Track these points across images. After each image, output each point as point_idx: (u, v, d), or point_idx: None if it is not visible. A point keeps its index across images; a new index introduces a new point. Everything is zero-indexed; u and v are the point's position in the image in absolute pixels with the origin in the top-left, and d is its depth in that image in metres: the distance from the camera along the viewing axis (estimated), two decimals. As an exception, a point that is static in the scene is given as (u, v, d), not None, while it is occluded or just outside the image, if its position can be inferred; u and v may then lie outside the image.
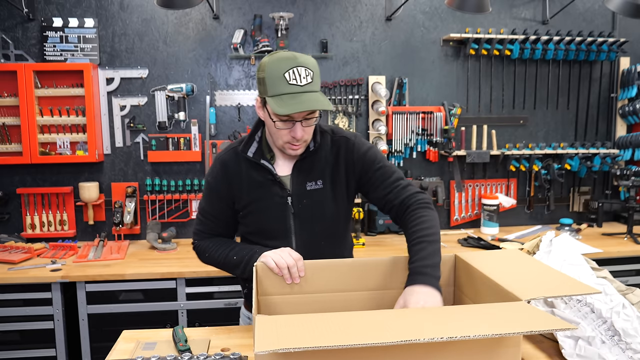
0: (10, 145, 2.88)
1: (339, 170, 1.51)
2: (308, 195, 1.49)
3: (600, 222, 3.31)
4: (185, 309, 2.55)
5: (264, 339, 0.82)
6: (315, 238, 1.52)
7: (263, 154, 1.51)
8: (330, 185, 1.51)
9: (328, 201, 1.51)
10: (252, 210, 1.51)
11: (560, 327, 0.86)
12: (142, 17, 3.00)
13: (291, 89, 1.32)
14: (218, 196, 1.53)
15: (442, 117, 3.17)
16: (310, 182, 1.49)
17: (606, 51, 3.24)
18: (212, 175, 1.54)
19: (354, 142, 1.52)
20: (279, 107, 1.31)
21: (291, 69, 1.33)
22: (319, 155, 1.51)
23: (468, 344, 0.93)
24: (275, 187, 1.49)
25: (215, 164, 1.54)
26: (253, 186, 1.49)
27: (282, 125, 1.38)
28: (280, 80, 1.32)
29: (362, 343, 0.80)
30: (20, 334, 2.48)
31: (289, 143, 1.42)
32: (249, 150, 1.50)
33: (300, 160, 1.49)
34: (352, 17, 3.14)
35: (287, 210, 1.49)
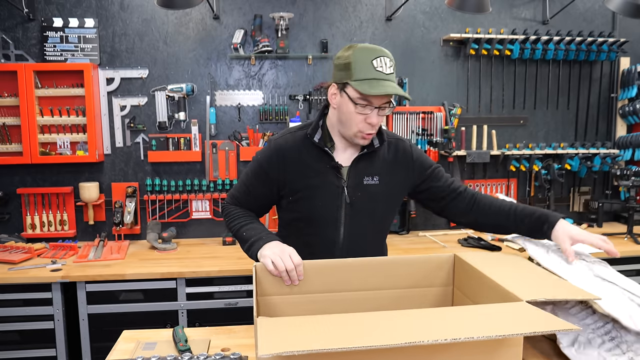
0: (11, 145, 2.88)
1: (396, 171, 1.57)
2: (364, 188, 1.52)
3: (600, 222, 3.31)
4: (185, 309, 2.55)
5: (267, 342, 0.82)
6: (363, 232, 1.55)
7: (325, 142, 1.53)
8: (386, 183, 1.55)
9: (382, 198, 1.55)
10: (305, 196, 1.52)
11: (562, 327, 0.86)
12: (142, 17, 3.00)
13: (377, 74, 1.38)
14: (264, 179, 1.54)
15: (442, 117, 3.17)
16: (368, 177, 1.53)
17: (606, 51, 3.24)
18: (264, 157, 1.54)
19: (411, 145, 1.61)
20: (370, 88, 1.36)
21: (379, 57, 1.40)
22: (379, 153, 1.55)
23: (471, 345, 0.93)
24: (333, 176, 1.51)
25: (271, 147, 1.54)
26: (310, 172, 1.50)
27: (361, 110, 1.41)
28: (368, 65, 1.38)
29: (366, 345, 0.80)
30: (20, 334, 2.49)
31: (361, 132, 1.45)
32: (316, 135, 1.51)
33: (362, 154, 1.52)
34: (352, 17, 3.14)
35: (341, 199, 1.51)
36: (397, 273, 1.35)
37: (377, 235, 1.63)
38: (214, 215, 3.12)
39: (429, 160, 1.64)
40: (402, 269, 1.34)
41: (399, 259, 1.37)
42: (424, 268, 1.37)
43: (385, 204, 1.57)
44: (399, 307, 1.36)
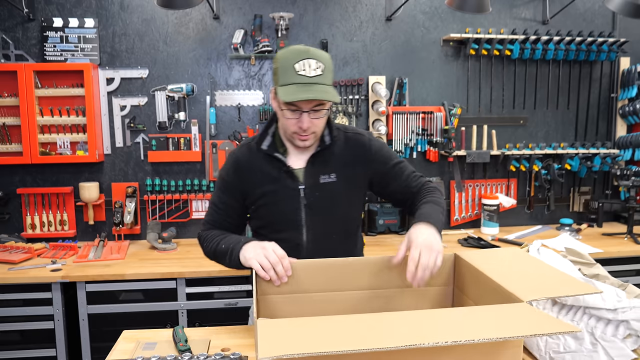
0: (11, 145, 2.89)
1: (353, 165, 1.55)
2: (321, 187, 1.51)
3: (600, 222, 3.31)
4: (185, 309, 2.55)
5: (267, 344, 0.82)
6: (327, 231, 1.53)
7: (276, 148, 1.54)
8: (344, 180, 1.53)
9: (341, 195, 1.53)
10: (264, 203, 1.53)
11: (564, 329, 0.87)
12: (142, 17, 3.00)
13: (299, 79, 1.36)
14: (229, 191, 1.56)
15: (442, 117, 3.17)
16: (324, 175, 1.52)
17: (606, 51, 3.24)
18: (224, 170, 1.58)
19: (369, 138, 1.58)
20: (285, 95, 1.35)
21: (302, 60, 1.36)
22: (333, 150, 1.54)
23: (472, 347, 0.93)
24: (288, 179, 1.51)
25: (229, 160, 1.58)
26: (266, 179, 1.52)
27: (290, 115, 1.41)
28: (290, 70, 1.36)
29: (367, 348, 0.80)
30: (20, 334, 2.49)
31: (296, 134, 1.44)
32: (263, 143, 1.53)
33: (315, 153, 1.52)
34: (352, 17, 3.14)
35: (299, 202, 1.51)
36: (398, 272, 1.35)
37: (343, 234, 1.60)
38: (214, 215, 3.12)
39: (390, 156, 1.60)
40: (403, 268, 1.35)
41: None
42: None
43: (346, 200, 1.56)
44: (400, 306, 1.36)
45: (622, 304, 1.15)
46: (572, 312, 1.26)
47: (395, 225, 3.18)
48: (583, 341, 1.19)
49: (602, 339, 1.16)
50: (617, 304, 1.15)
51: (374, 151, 1.57)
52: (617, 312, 1.15)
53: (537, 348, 1.28)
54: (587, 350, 1.17)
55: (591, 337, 1.18)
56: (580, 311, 1.23)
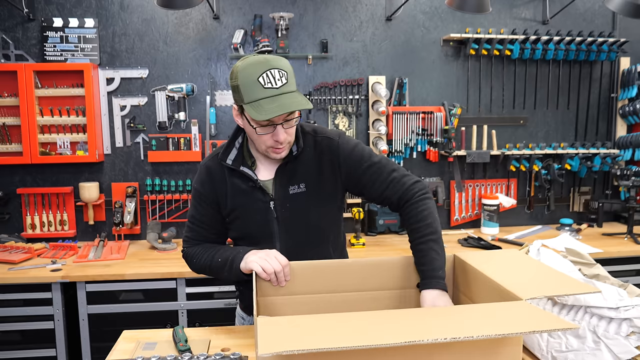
0: (11, 145, 2.88)
1: (323, 173, 1.47)
2: (291, 199, 1.46)
3: (600, 222, 3.31)
4: (185, 309, 2.55)
5: (267, 341, 0.82)
6: (300, 242, 1.49)
7: (244, 160, 1.48)
8: (314, 189, 1.47)
9: (312, 205, 1.48)
10: (236, 217, 1.49)
11: (563, 326, 0.86)
12: (142, 17, 3.00)
13: (267, 92, 1.29)
14: (205, 202, 1.51)
15: (442, 117, 3.17)
16: (293, 186, 1.46)
17: (606, 51, 3.24)
18: (198, 182, 1.52)
19: (338, 142, 1.48)
20: (258, 114, 1.28)
21: (264, 73, 1.29)
22: (302, 158, 1.47)
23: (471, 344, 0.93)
24: (258, 192, 1.46)
25: (201, 171, 1.52)
26: (236, 192, 1.47)
27: (263, 131, 1.35)
28: (254, 85, 1.29)
29: (366, 345, 0.80)
30: (20, 334, 2.48)
31: (272, 147, 1.39)
32: (228, 157, 1.47)
33: (283, 164, 1.46)
34: (352, 17, 3.14)
35: (269, 215, 1.47)
36: (397, 273, 1.35)
37: (318, 243, 1.52)
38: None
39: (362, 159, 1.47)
40: (403, 269, 1.34)
41: (399, 259, 1.37)
42: None
43: (319, 209, 1.49)
44: (399, 306, 1.36)
45: (624, 302, 1.15)
46: (573, 311, 1.26)
47: (395, 225, 3.18)
48: (585, 340, 1.19)
49: (604, 337, 1.16)
50: (619, 302, 1.15)
51: (343, 156, 1.47)
52: (620, 310, 1.15)
53: (539, 348, 1.28)
54: (590, 349, 1.17)
55: (593, 336, 1.18)
56: (582, 310, 1.23)
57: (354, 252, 2.82)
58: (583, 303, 1.22)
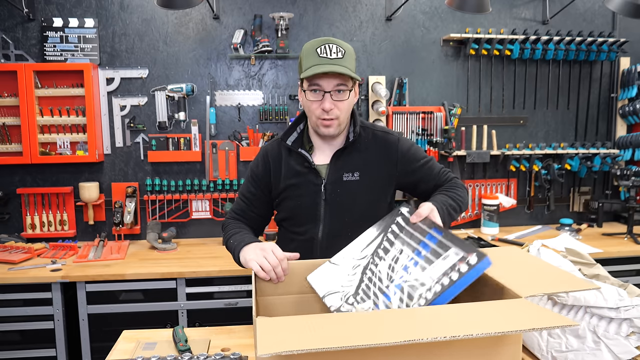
0: (11, 145, 2.88)
1: (379, 165, 1.56)
2: (343, 185, 1.53)
3: (600, 222, 3.31)
4: (185, 309, 2.55)
5: (266, 341, 0.82)
6: (343, 229, 1.53)
7: (302, 144, 1.57)
8: (367, 179, 1.54)
9: (362, 193, 1.55)
10: (287, 196, 1.57)
11: (562, 324, 0.86)
12: (142, 17, 3.00)
13: (321, 60, 1.40)
14: (256, 181, 1.61)
15: (442, 117, 3.17)
16: (347, 173, 1.53)
17: (606, 51, 3.24)
18: (254, 163, 1.64)
19: (398, 139, 1.59)
20: (306, 73, 1.39)
21: (324, 45, 1.41)
22: (359, 148, 1.55)
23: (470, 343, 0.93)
24: (311, 175, 1.54)
25: (260, 153, 1.64)
26: (291, 173, 1.56)
27: (312, 97, 1.44)
28: (312, 54, 1.41)
29: (365, 344, 0.80)
30: (20, 334, 2.48)
31: (320, 119, 1.46)
32: (289, 139, 1.57)
33: (339, 150, 1.54)
34: (352, 17, 3.14)
35: (319, 197, 1.53)
36: None
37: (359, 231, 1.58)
38: (214, 215, 3.12)
39: (418, 156, 1.60)
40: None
41: None
42: None
43: (367, 199, 1.56)
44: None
45: (624, 302, 1.15)
46: (573, 311, 1.26)
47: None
48: (585, 339, 1.19)
49: (605, 337, 1.16)
50: (619, 302, 1.15)
51: (402, 153, 1.57)
52: (620, 310, 1.15)
53: (539, 348, 1.28)
54: (590, 349, 1.17)
55: (593, 336, 1.18)
56: (582, 310, 1.23)
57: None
58: (583, 303, 1.22)
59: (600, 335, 1.17)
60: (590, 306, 1.20)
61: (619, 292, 1.19)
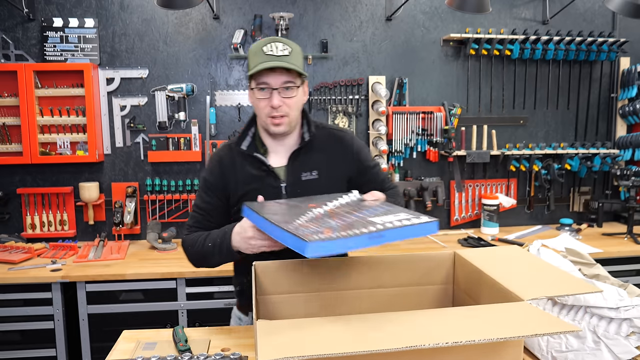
0: (11, 145, 2.88)
1: (336, 163, 1.55)
2: (302, 185, 1.51)
3: (600, 222, 3.31)
4: (185, 309, 2.55)
5: (267, 347, 0.81)
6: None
7: (256, 148, 1.54)
8: (326, 177, 1.53)
9: (323, 192, 1.50)
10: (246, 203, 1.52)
11: (564, 329, 0.86)
12: (142, 17, 3.00)
13: (267, 58, 1.40)
14: (212, 190, 1.55)
15: (442, 117, 3.17)
16: (306, 173, 1.52)
17: (606, 51, 3.24)
18: (207, 171, 1.58)
19: (352, 138, 1.61)
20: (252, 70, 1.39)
21: (270, 43, 1.41)
22: (316, 147, 1.54)
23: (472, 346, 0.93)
24: (270, 178, 1.51)
25: (212, 160, 1.59)
26: (247, 179, 1.52)
27: (260, 95, 1.43)
28: (259, 52, 1.41)
29: (367, 350, 0.80)
30: (20, 334, 2.48)
31: (270, 117, 1.45)
32: (243, 143, 1.54)
33: (296, 150, 1.52)
34: (352, 17, 3.14)
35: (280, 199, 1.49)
36: (398, 271, 1.35)
37: None
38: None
39: (370, 158, 1.64)
40: (402, 267, 1.34)
41: (399, 256, 1.36)
42: (424, 266, 1.37)
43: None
44: (399, 304, 1.36)
45: (624, 302, 1.15)
46: (573, 311, 1.26)
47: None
48: (585, 340, 1.19)
49: (605, 337, 1.16)
50: (619, 302, 1.15)
51: (357, 151, 1.58)
52: (620, 310, 1.15)
53: (539, 348, 1.28)
54: (590, 349, 1.17)
55: (593, 336, 1.18)
56: (582, 310, 1.23)
57: (354, 252, 2.81)
58: (583, 303, 1.22)
59: (600, 335, 1.17)
60: (590, 306, 1.20)
61: (619, 292, 1.19)
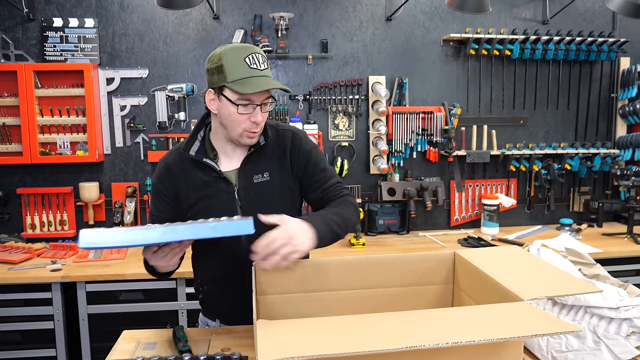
0: (11, 145, 2.88)
1: (285, 163, 1.52)
2: (255, 188, 1.48)
3: (600, 222, 3.31)
4: (185, 309, 2.55)
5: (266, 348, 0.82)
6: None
7: (205, 153, 1.50)
8: (277, 177, 1.50)
9: (275, 193, 1.50)
10: (199, 209, 1.47)
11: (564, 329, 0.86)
12: (142, 17, 3.00)
13: (253, 72, 1.36)
14: (162, 197, 1.51)
15: (442, 117, 3.17)
16: (257, 175, 1.49)
17: (606, 51, 3.24)
18: (156, 178, 1.53)
19: (301, 137, 1.54)
20: (248, 88, 1.33)
21: (250, 55, 1.36)
22: (266, 148, 1.51)
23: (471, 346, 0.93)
24: (221, 183, 1.47)
25: (160, 166, 1.53)
26: (198, 185, 1.48)
27: (244, 111, 1.38)
28: (241, 64, 1.35)
29: (367, 350, 0.80)
30: (20, 334, 2.48)
31: (247, 131, 1.41)
32: (191, 149, 1.49)
33: (249, 154, 1.48)
34: (352, 17, 3.14)
35: (234, 204, 1.47)
36: (398, 271, 1.35)
37: None
38: (214, 215, 3.12)
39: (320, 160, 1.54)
40: (403, 267, 1.34)
41: (399, 256, 1.37)
42: (424, 266, 1.37)
43: (281, 199, 1.51)
44: (399, 304, 1.36)
45: (624, 302, 1.15)
46: (573, 311, 1.26)
47: (395, 225, 3.18)
48: (585, 340, 1.19)
49: (605, 337, 1.16)
50: (619, 302, 1.15)
51: (306, 150, 1.53)
52: (620, 310, 1.15)
53: (539, 348, 1.28)
54: (590, 349, 1.17)
55: (594, 336, 1.18)
56: (582, 310, 1.23)
57: (354, 252, 2.82)
58: (583, 303, 1.22)
59: (600, 335, 1.17)
60: (590, 306, 1.20)
61: (619, 292, 1.19)
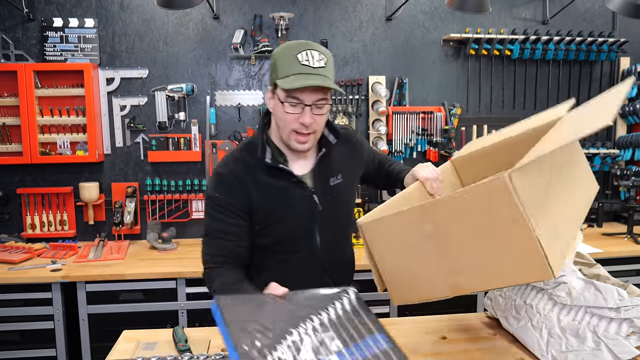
0: (11, 145, 2.88)
1: (353, 163, 1.55)
2: (331, 191, 1.45)
3: (600, 222, 3.31)
4: (185, 309, 2.55)
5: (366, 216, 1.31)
6: (338, 232, 1.52)
7: (277, 159, 1.40)
8: (349, 178, 1.52)
9: (347, 195, 1.54)
10: (274, 219, 1.39)
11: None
12: (142, 17, 3.00)
13: (303, 69, 1.27)
14: (232, 211, 1.37)
15: (442, 117, 3.17)
16: (333, 177, 1.46)
17: (606, 51, 3.24)
18: (222, 191, 1.37)
19: (355, 133, 1.63)
20: (287, 84, 1.25)
21: (304, 51, 1.29)
22: (336, 150, 1.48)
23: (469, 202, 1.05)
24: (297, 188, 1.40)
25: (221, 178, 1.38)
26: (274, 192, 1.38)
27: (291, 110, 1.29)
28: (292, 60, 1.27)
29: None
30: (20, 334, 2.48)
31: (295, 133, 1.32)
32: (266, 156, 1.39)
33: (322, 156, 1.44)
34: (352, 17, 3.14)
35: (313, 208, 1.41)
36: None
37: (348, 231, 1.61)
38: (214, 215, 3.12)
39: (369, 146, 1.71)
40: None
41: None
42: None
43: (350, 199, 1.57)
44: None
45: (624, 302, 1.15)
46: (573, 311, 1.26)
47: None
48: (585, 340, 1.19)
49: (605, 337, 1.16)
50: (619, 302, 1.15)
51: (363, 145, 1.62)
52: (620, 310, 1.15)
53: (539, 348, 1.28)
54: (590, 349, 1.17)
55: (594, 336, 1.18)
56: (582, 310, 1.23)
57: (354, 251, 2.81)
58: (583, 303, 1.22)
59: (600, 335, 1.17)
60: (590, 306, 1.20)
61: (619, 292, 1.19)
